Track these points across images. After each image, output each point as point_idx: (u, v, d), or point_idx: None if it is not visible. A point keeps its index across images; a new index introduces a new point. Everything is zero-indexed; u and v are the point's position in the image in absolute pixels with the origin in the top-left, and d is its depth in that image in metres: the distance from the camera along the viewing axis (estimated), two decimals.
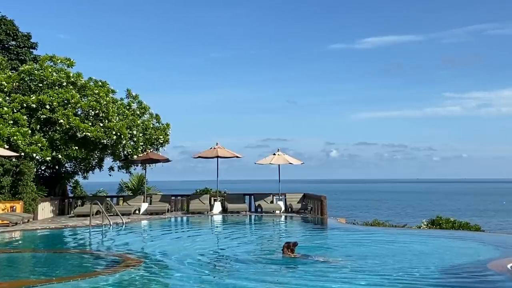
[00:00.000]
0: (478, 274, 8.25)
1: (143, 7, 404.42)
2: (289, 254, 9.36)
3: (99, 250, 11.56)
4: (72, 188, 26.24)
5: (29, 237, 14.10)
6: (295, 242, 9.52)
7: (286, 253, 9.40)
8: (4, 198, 17.06)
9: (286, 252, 9.41)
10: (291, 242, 9.55)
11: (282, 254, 9.51)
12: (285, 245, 9.51)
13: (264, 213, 20.17)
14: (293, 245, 9.41)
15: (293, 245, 9.41)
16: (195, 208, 20.47)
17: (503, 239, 14.98)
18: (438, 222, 18.20)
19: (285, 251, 9.45)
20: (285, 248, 9.46)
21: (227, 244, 12.72)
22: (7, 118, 18.01)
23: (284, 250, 9.46)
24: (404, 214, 48.46)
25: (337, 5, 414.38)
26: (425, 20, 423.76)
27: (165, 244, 12.33)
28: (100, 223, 16.19)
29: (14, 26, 27.01)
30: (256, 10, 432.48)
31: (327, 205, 18.66)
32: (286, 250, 9.42)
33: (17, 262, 10.20)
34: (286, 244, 9.53)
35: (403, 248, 11.60)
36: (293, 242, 9.53)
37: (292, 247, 9.39)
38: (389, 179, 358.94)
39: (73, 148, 18.63)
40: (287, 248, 9.43)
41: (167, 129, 22.77)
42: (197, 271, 8.48)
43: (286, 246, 9.47)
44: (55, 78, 19.60)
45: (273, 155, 21.24)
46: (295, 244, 9.43)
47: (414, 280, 7.79)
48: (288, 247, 9.43)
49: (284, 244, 9.60)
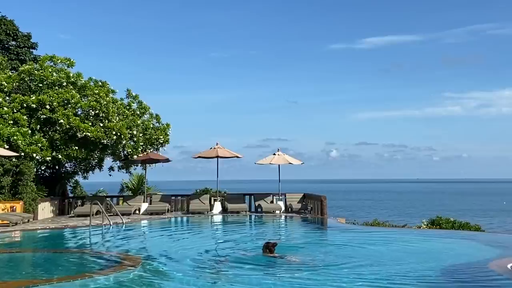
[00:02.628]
0: (478, 274, 8.26)
1: (143, 7, 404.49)
2: (269, 254, 9.67)
3: (99, 250, 11.56)
4: (72, 188, 26.24)
5: (29, 237, 14.11)
6: (274, 243, 9.85)
7: (265, 253, 9.73)
8: (4, 198, 17.06)
9: (266, 252, 9.72)
10: (270, 242, 9.89)
11: (262, 253, 9.83)
12: (265, 245, 9.84)
13: (264, 213, 20.17)
14: (272, 246, 9.73)
15: (272, 246, 9.73)
16: (195, 208, 20.47)
17: (503, 239, 15.01)
18: (438, 222, 18.20)
19: (264, 251, 9.77)
20: (265, 248, 9.78)
21: (224, 244, 12.72)
22: (7, 118, 18.02)
23: (264, 250, 9.78)
24: (405, 214, 48.44)
25: (337, 5, 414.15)
26: (425, 20, 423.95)
27: (165, 244, 12.33)
28: (100, 223, 16.19)
29: (14, 26, 27.02)
30: (256, 10, 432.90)
31: (327, 205, 18.66)
32: (266, 250, 9.73)
33: (17, 262, 10.20)
34: (265, 244, 9.86)
35: (402, 248, 11.59)
36: (273, 242, 9.88)
37: (271, 247, 9.70)
38: (389, 179, 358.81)
39: (73, 148, 18.64)
40: (266, 248, 9.75)
41: (167, 129, 22.77)
42: (197, 271, 8.49)
43: (266, 246, 9.79)
44: (55, 78, 19.60)
45: (273, 155, 21.24)
46: (274, 245, 9.76)
47: (414, 280, 7.79)
48: (267, 247, 9.75)
49: (264, 244, 9.92)
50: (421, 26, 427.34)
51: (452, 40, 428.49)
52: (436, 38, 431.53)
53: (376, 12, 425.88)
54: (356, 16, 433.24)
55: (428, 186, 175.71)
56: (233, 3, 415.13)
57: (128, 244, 12.65)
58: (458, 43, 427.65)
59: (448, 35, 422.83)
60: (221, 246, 12.40)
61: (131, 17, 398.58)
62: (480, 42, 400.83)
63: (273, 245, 9.71)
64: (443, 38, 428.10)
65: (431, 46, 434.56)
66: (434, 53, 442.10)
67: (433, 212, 27.56)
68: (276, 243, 9.83)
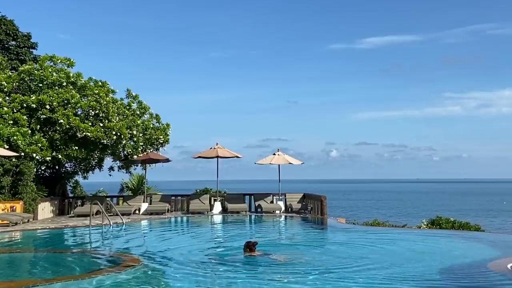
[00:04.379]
0: (478, 274, 8.26)
1: (143, 7, 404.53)
2: (250, 253, 9.87)
3: (99, 250, 11.57)
4: (72, 188, 26.23)
5: (29, 237, 14.10)
6: (255, 242, 10.05)
7: (246, 252, 9.91)
8: (4, 198, 17.06)
9: (247, 251, 9.91)
10: (251, 241, 10.09)
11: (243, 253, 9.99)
12: (246, 244, 10.03)
13: (264, 213, 20.17)
14: (253, 245, 9.94)
15: (253, 245, 9.94)
16: (195, 208, 20.47)
17: (503, 239, 15.00)
18: (438, 222, 18.18)
19: (246, 250, 9.95)
20: (246, 248, 9.97)
21: (223, 244, 12.73)
22: (7, 118, 18.01)
23: (245, 249, 9.96)
24: (405, 214, 48.44)
25: (337, 5, 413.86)
26: (425, 20, 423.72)
27: (165, 244, 12.33)
28: (100, 223, 16.19)
29: (14, 26, 27.03)
30: (256, 10, 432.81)
31: (327, 205, 18.66)
32: (247, 249, 9.93)
33: (17, 262, 10.20)
34: (246, 244, 10.05)
35: (402, 248, 11.58)
36: (253, 241, 10.08)
37: (251, 246, 9.90)
38: (389, 179, 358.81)
39: (73, 148, 18.64)
40: (247, 248, 9.94)
41: (167, 129, 22.78)
42: (196, 271, 8.49)
43: (247, 245, 9.98)
44: (55, 78, 19.60)
45: (273, 155, 21.24)
46: (254, 244, 9.96)
47: (414, 280, 7.79)
48: (248, 246, 9.95)
49: (245, 244, 10.09)
50: (421, 26, 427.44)
51: (452, 40, 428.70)
52: (436, 38, 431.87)
53: (376, 12, 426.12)
54: (356, 16, 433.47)
55: (428, 186, 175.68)
56: (233, 3, 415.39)
57: (128, 244, 12.66)
58: (458, 43, 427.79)
59: (448, 35, 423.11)
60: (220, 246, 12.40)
61: (131, 17, 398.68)
62: (480, 42, 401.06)
63: (254, 244, 9.94)
64: (443, 38, 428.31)
65: (431, 46, 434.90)
66: (434, 53, 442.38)
67: (433, 212, 27.59)
68: (257, 242, 10.07)
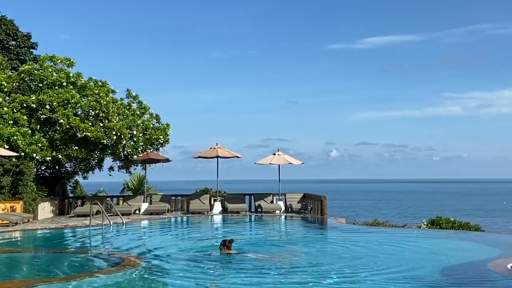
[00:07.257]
0: (478, 274, 8.26)
1: (143, 7, 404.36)
2: (226, 250, 9.96)
3: (99, 250, 11.56)
4: (72, 188, 26.22)
5: (29, 237, 14.12)
6: (231, 239, 10.20)
7: (223, 250, 10.00)
8: (4, 198, 17.07)
9: (223, 249, 10.00)
10: (227, 239, 10.22)
11: (219, 251, 10.07)
12: (222, 243, 10.14)
13: (264, 213, 20.18)
14: (229, 242, 10.08)
15: (229, 242, 10.08)
16: (195, 208, 20.48)
17: (503, 239, 15.01)
18: (438, 222, 18.18)
19: (222, 248, 10.04)
20: (222, 245, 10.06)
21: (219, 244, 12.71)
22: (7, 118, 18.01)
23: (221, 247, 10.06)
24: (405, 214, 48.44)
25: (337, 5, 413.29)
26: (425, 20, 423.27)
27: (165, 244, 12.34)
28: (100, 223, 16.20)
29: (14, 26, 27.02)
30: (256, 10, 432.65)
31: (327, 205, 18.66)
32: (223, 247, 10.02)
33: (17, 262, 10.20)
34: (222, 242, 10.16)
35: (402, 248, 11.58)
36: (229, 239, 10.21)
37: (228, 244, 10.01)
38: (389, 179, 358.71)
39: (73, 148, 18.64)
40: (223, 245, 10.04)
41: (167, 129, 22.78)
42: (196, 271, 8.49)
43: (223, 243, 10.08)
44: (55, 78, 19.60)
45: (273, 155, 21.25)
46: (231, 241, 10.11)
47: (413, 280, 7.79)
48: (224, 244, 10.05)
49: (221, 242, 10.20)
50: (421, 26, 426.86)
51: (452, 40, 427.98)
52: (436, 38, 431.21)
53: (376, 12, 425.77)
54: (356, 16, 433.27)
55: (428, 186, 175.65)
56: (233, 3, 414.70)
57: (128, 244, 12.63)
58: (458, 43, 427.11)
59: (448, 35, 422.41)
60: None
61: (131, 17, 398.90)
62: (480, 42, 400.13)
63: (230, 242, 10.03)
64: (443, 38, 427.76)
65: (431, 46, 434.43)
66: (434, 53, 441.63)
67: (433, 212, 27.55)
68: (233, 240, 10.21)
